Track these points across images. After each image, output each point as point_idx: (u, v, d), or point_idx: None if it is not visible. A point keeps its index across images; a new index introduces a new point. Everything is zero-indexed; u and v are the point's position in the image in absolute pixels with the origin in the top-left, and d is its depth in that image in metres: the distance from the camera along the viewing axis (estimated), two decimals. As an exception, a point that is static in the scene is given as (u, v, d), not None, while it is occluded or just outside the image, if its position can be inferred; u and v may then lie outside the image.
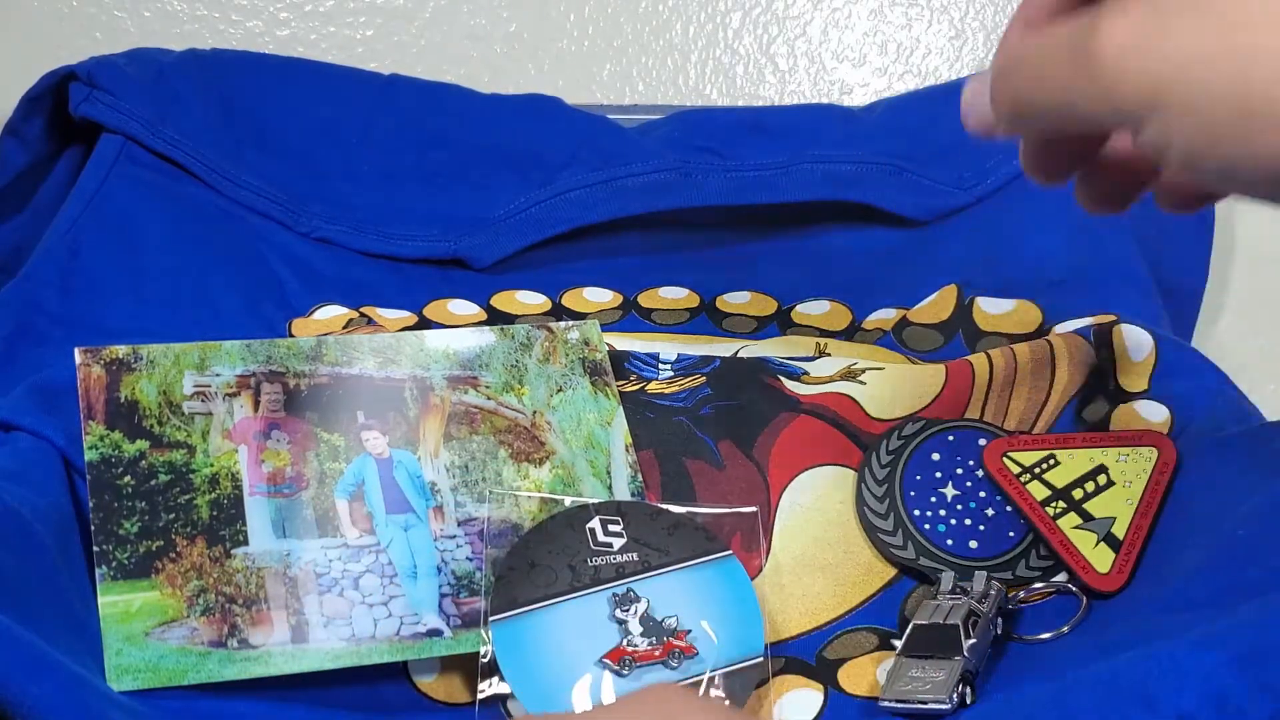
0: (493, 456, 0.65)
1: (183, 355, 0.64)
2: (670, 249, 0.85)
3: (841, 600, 0.64)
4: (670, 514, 0.62)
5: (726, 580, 0.61)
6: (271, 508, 0.62)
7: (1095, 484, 0.64)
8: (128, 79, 0.82)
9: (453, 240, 0.82)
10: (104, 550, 0.59)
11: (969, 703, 0.57)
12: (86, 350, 0.63)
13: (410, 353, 0.67)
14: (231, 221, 0.81)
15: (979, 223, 0.84)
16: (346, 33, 0.99)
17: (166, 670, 0.56)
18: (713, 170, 0.84)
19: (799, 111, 0.92)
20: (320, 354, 0.66)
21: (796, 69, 1.02)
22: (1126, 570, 0.62)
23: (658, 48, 1.01)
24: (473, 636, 0.60)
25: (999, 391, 0.69)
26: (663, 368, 0.71)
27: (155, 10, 0.98)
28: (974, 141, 0.85)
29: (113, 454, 0.61)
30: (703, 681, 0.58)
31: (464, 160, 0.85)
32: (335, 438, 0.64)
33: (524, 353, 0.69)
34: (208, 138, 0.83)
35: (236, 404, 0.64)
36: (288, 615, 0.59)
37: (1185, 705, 0.49)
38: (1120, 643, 0.55)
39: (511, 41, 1.00)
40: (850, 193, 0.84)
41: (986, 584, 0.61)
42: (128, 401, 0.62)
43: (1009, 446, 0.66)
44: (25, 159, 0.85)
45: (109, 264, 0.76)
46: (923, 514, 0.65)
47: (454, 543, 0.63)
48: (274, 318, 0.76)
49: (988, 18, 1.02)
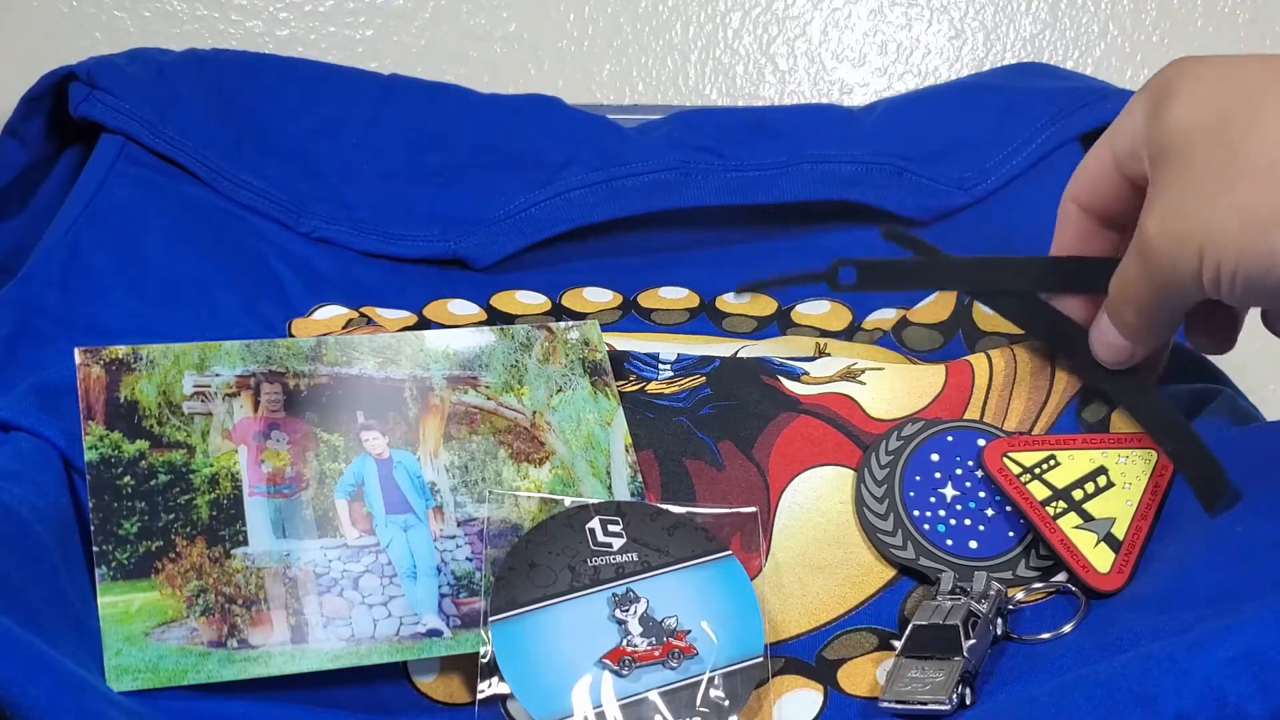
0: (492, 457, 0.65)
1: (182, 355, 0.64)
2: (670, 249, 0.85)
3: (841, 600, 0.64)
4: (670, 514, 0.62)
5: (726, 580, 0.61)
6: (271, 508, 0.62)
7: (1095, 485, 0.64)
8: (128, 79, 0.82)
9: (453, 240, 0.82)
10: (104, 550, 0.59)
11: (969, 703, 0.57)
12: (86, 350, 0.63)
13: (410, 353, 0.67)
14: (231, 221, 0.81)
15: (979, 223, 0.84)
16: (346, 33, 0.99)
17: (166, 670, 0.56)
18: (713, 170, 0.84)
19: (799, 111, 0.92)
20: (320, 354, 0.66)
21: (796, 69, 1.02)
22: (1126, 570, 0.62)
23: (658, 48, 1.01)
24: (472, 637, 0.60)
25: (999, 392, 0.69)
26: (662, 368, 0.71)
27: (155, 10, 0.98)
28: (974, 141, 0.86)
29: (112, 454, 0.61)
30: (702, 681, 0.58)
31: (464, 160, 0.85)
32: (335, 438, 0.64)
33: (524, 353, 0.69)
34: (208, 138, 0.83)
35: (236, 404, 0.64)
36: (287, 615, 0.59)
37: (1185, 705, 0.49)
38: (1120, 642, 0.55)
39: (511, 41, 1.00)
40: (850, 193, 0.84)
41: (986, 584, 0.61)
42: (127, 402, 0.62)
43: (1009, 447, 0.66)
44: (25, 159, 0.85)
45: (109, 264, 0.76)
46: (922, 514, 0.65)
47: (454, 543, 0.63)
48: (274, 318, 0.76)
49: (987, 18, 1.03)
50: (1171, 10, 1.03)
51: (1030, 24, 1.03)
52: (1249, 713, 0.48)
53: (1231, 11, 1.03)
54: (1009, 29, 1.03)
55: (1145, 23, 1.03)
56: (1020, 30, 1.03)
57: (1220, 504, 0.60)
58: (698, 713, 0.57)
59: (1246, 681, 0.48)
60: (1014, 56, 1.03)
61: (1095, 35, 1.03)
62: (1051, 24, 1.03)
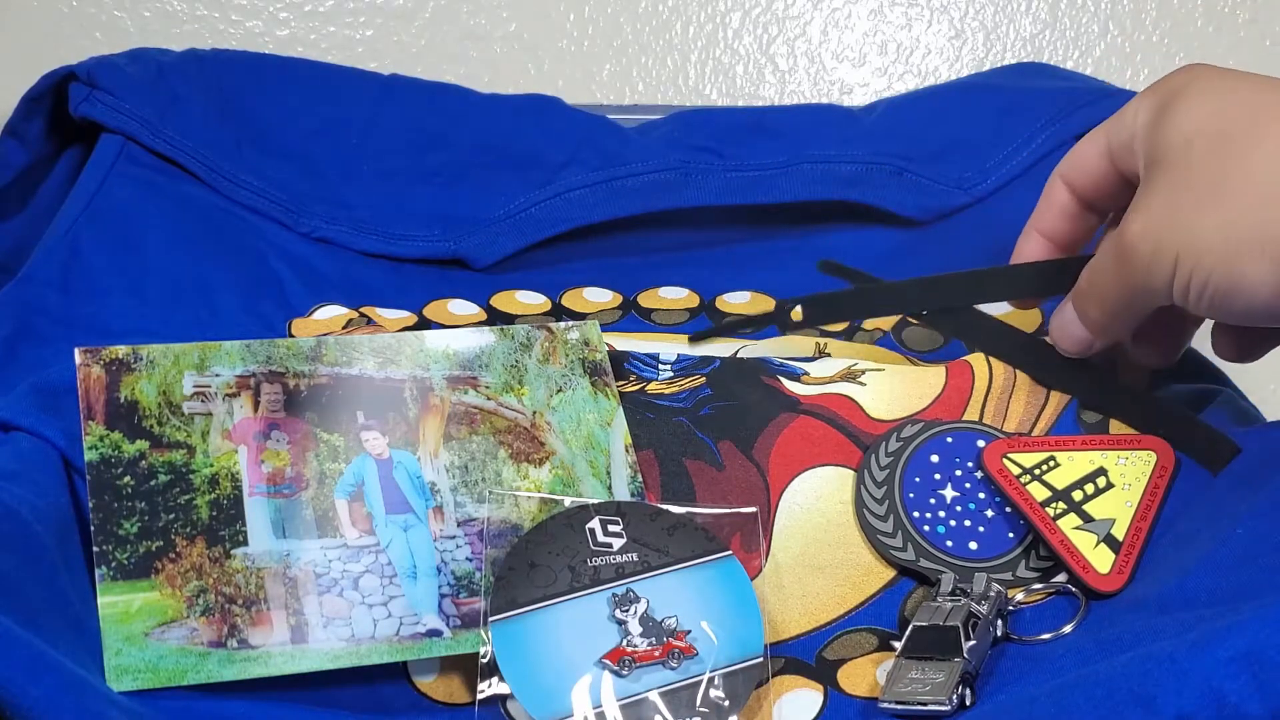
0: (492, 457, 0.65)
1: (182, 356, 0.64)
2: (670, 249, 0.85)
3: (841, 601, 0.64)
4: (670, 514, 0.62)
5: (726, 580, 0.61)
6: (271, 508, 0.62)
7: (1095, 486, 0.64)
8: (128, 79, 0.82)
9: (453, 240, 0.82)
10: (104, 550, 0.59)
11: (969, 704, 0.57)
12: (86, 350, 0.63)
13: (410, 353, 0.67)
14: (231, 221, 0.81)
15: (979, 222, 0.84)
16: (346, 33, 0.99)
17: (166, 670, 0.57)
18: (713, 170, 0.84)
19: (799, 111, 0.92)
20: (320, 354, 0.66)
21: (796, 69, 1.02)
22: (1126, 571, 0.62)
23: (658, 48, 1.01)
24: (472, 637, 0.60)
25: (999, 393, 0.69)
26: (662, 368, 0.71)
27: (155, 10, 0.98)
28: (974, 141, 0.86)
29: (113, 454, 0.61)
30: (702, 682, 0.58)
31: (464, 160, 0.85)
32: (335, 438, 0.64)
33: (524, 353, 0.69)
34: (208, 138, 0.82)
35: (236, 404, 0.64)
36: (287, 615, 0.59)
37: (1185, 705, 0.49)
38: (1120, 643, 0.55)
39: (511, 41, 1.00)
40: (850, 193, 0.84)
41: (986, 586, 0.61)
42: (127, 402, 0.62)
43: (1008, 448, 0.66)
44: (25, 159, 0.85)
45: (109, 264, 0.76)
46: (922, 515, 0.65)
47: (454, 543, 0.63)
48: (274, 318, 0.76)
49: (987, 18, 1.03)
50: (1171, 10, 1.03)
51: (1030, 24, 1.03)
52: (1249, 713, 0.48)
53: (1231, 11, 1.03)
54: (1009, 29, 1.03)
55: (1145, 23, 1.03)
56: (1020, 30, 1.03)
57: (1223, 462, 0.63)
58: (698, 713, 0.57)
59: (1246, 681, 0.48)
60: (1014, 56, 1.03)
61: (1095, 35, 1.03)
62: (1051, 24, 1.03)
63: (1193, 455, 0.65)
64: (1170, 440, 0.66)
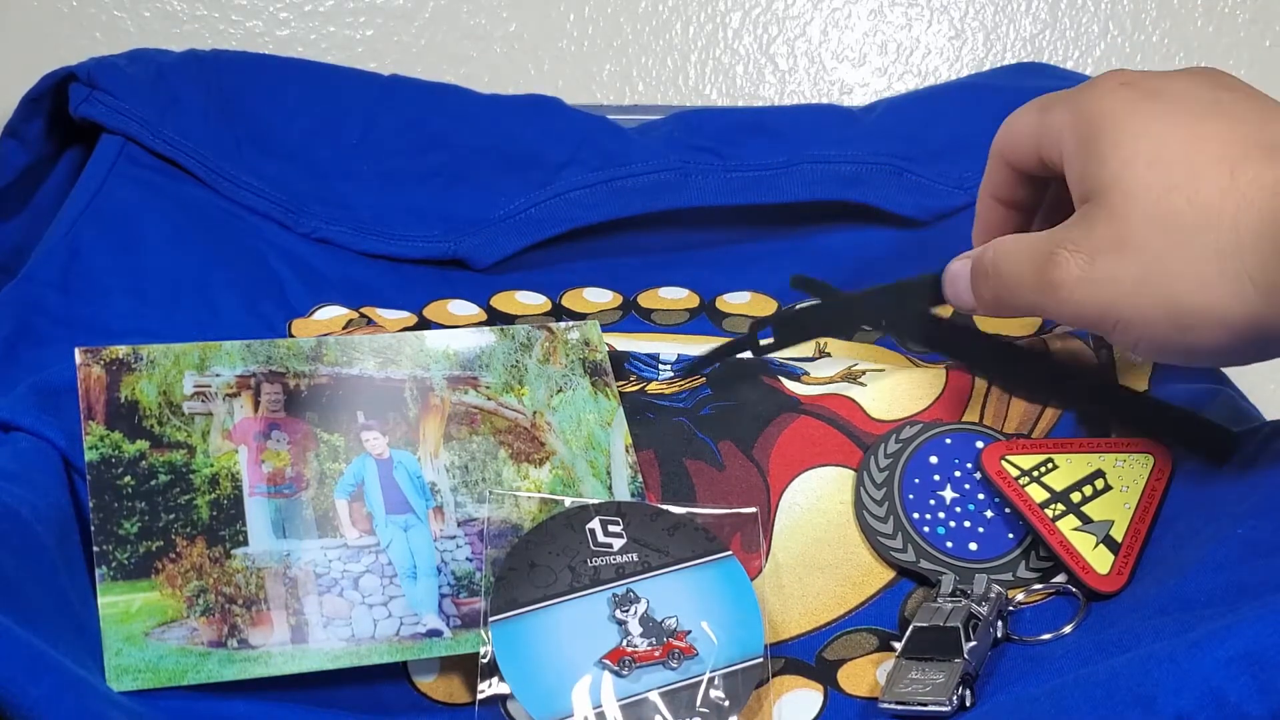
0: (493, 457, 0.65)
1: (183, 355, 0.64)
2: (670, 249, 0.85)
3: (841, 601, 0.64)
4: (670, 514, 0.62)
5: (726, 581, 0.61)
6: (271, 508, 0.62)
7: (1093, 488, 0.64)
8: (128, 79, 0.82)
9: (453, 240, 0.82)
10: (104, 550, 0.59)
11: (969, 705, 0.57)
12: (86, 350, 0.63)
13: (410, 353, 0.67)
14: (231, 221, 0.81)
15: (979, 223, 0.84)
16: (346, 33, 0.99)
17: (166, 670, 0.57)
18: (713, 170, 0.84)
19: (799, 111, 0.92)
20: (320, 354, 0.66)
21: (796, 69, 1.02)
22: (1126, 572, 0.62)
23: (658, 48, 1.01)
24: (472, 637, 0.60)
25: (998, 395, 0.69)
26: (663, 368, 0.71)
27: (155, 10, 0.98)
28: (974, 141, 0.86)
29: (113, 454, 0.61)
30: (702, 682, 0.58)
31: (464, 160, 0.85)
32: (335, 438, 0.64)
33: (524, 353, 0.69)
34: (208, 138, 0.83)
35: (236, 404, 0.64)
36: (287, 615, 0.59)
37: (1184, 705, 0.49)
38: (1120, 643, 0.55)
39: (511, 41, 1.00)
40: (850, 193, 0.84)
41: (987, 587, 0.62)
42: (128, 402, 0.63)
43: (1007, 450, 0.66)
44: (25, 159, 0.85)
45: (109, 264, 0.76)
46: (922, 517, 0.65)
47: (454, 543, 0.63)
48: (274, 318, 0.76)
49: (987, 18, 1.03)
50: (1171, 10, 1.03)
51: (1030, 24, 1.03)
52: (1248, 713, 0.48)
53: (1231, 11, 1.03)
54: (1009, 29, 1.03)
55: (1145, 23, 1.03)
56: (1020, 30, 1.03)
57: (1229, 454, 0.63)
58: (698, 713, 0.57)
59: (1246, 681, 0.48)
60: (1014, 56, 1.03)
61: (1095, 35, 1.03)
62: (1051, 24, 1.03)
63: (1198, 450, 0.65)
64: (1174, 438, 0.65)
